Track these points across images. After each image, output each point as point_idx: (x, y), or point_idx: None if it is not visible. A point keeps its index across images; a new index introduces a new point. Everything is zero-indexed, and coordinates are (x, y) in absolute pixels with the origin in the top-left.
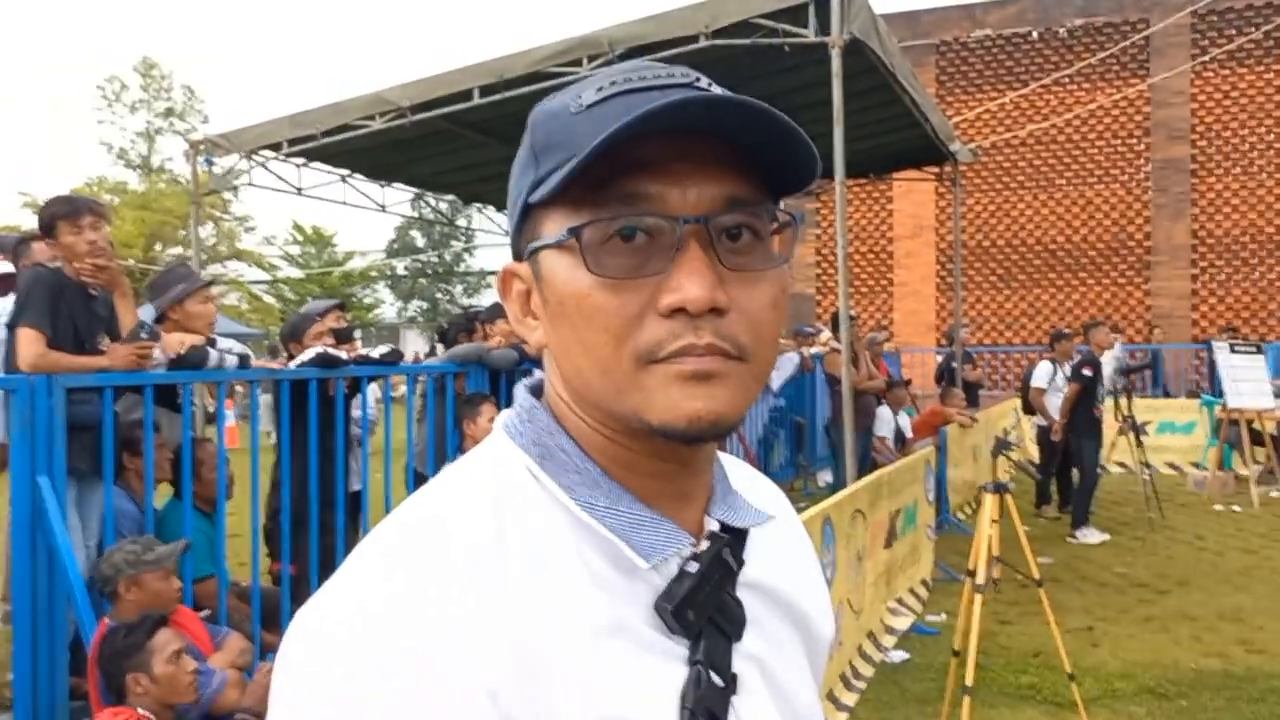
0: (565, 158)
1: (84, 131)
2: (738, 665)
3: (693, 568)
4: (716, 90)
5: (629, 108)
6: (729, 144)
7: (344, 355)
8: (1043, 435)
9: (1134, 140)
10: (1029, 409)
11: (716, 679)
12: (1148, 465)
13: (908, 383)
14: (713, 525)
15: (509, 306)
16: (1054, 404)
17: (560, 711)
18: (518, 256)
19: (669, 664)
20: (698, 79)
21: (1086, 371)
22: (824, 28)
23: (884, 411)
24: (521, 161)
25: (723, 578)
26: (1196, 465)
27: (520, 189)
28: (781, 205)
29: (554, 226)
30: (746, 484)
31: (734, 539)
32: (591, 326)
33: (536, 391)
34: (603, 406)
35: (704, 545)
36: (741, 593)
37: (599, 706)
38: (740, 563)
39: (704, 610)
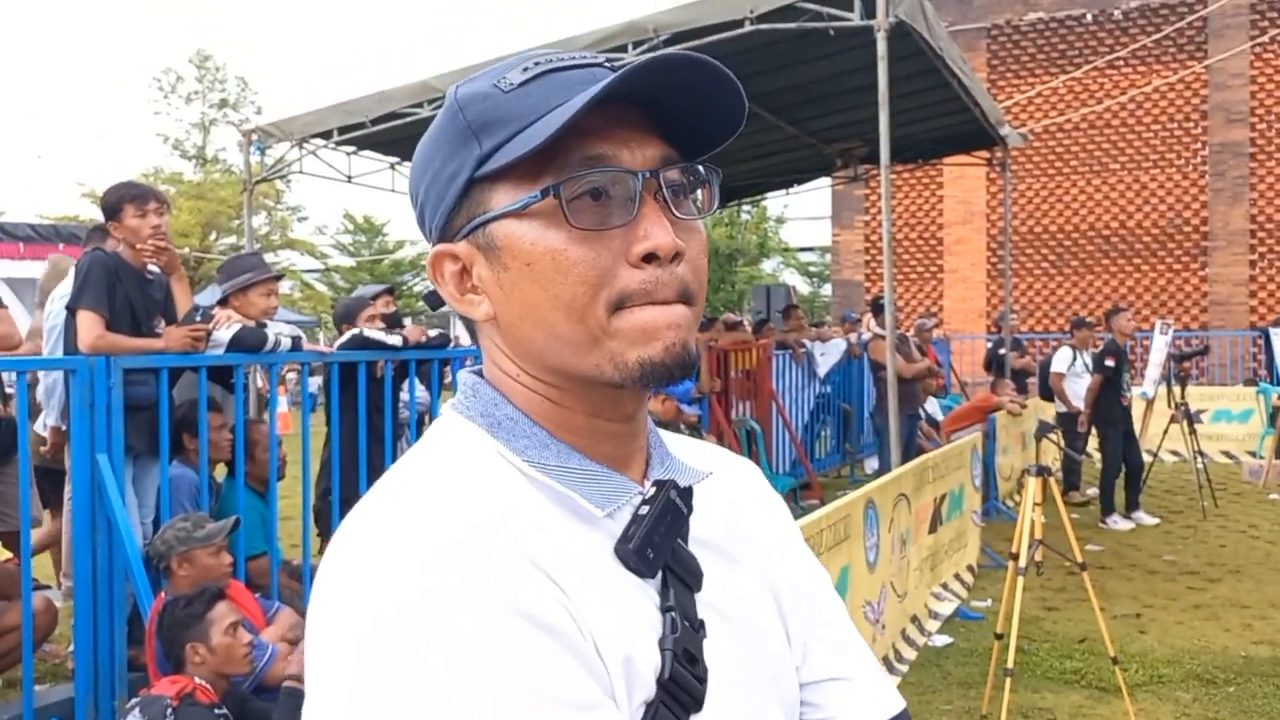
0: (515, 130)
1: (140, 122)
2: (701, 613)
3: (644, 511)
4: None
5: (565, 83)
6: (647, 112)
7: (384, 338)
8: (1062, 420)
9: (1190, 124)
10: (1046, 395)
11: (688, 624)
12: (1201, 453)
13: (935, 371)
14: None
15: (444, 288)
16: (1073, 389)
17: (595, 630)
18: (448, 237)
19: (645, 607)
20: (607, 59)
21: (1109, 362)
22: (869, 11)
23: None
24: (449, 142)
25: (675, 519)
26: (1252, 454)
27: (456, 168)
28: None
29: (509, 195)
30: (686, 450)
31: (679, 492)
32: (568, 280)
33: (478, 374)
34: (567, 363)
35: (651, 492)
36: (694, 547)
37: (620, 645)
38: (689, 508)
39: (661, 550)
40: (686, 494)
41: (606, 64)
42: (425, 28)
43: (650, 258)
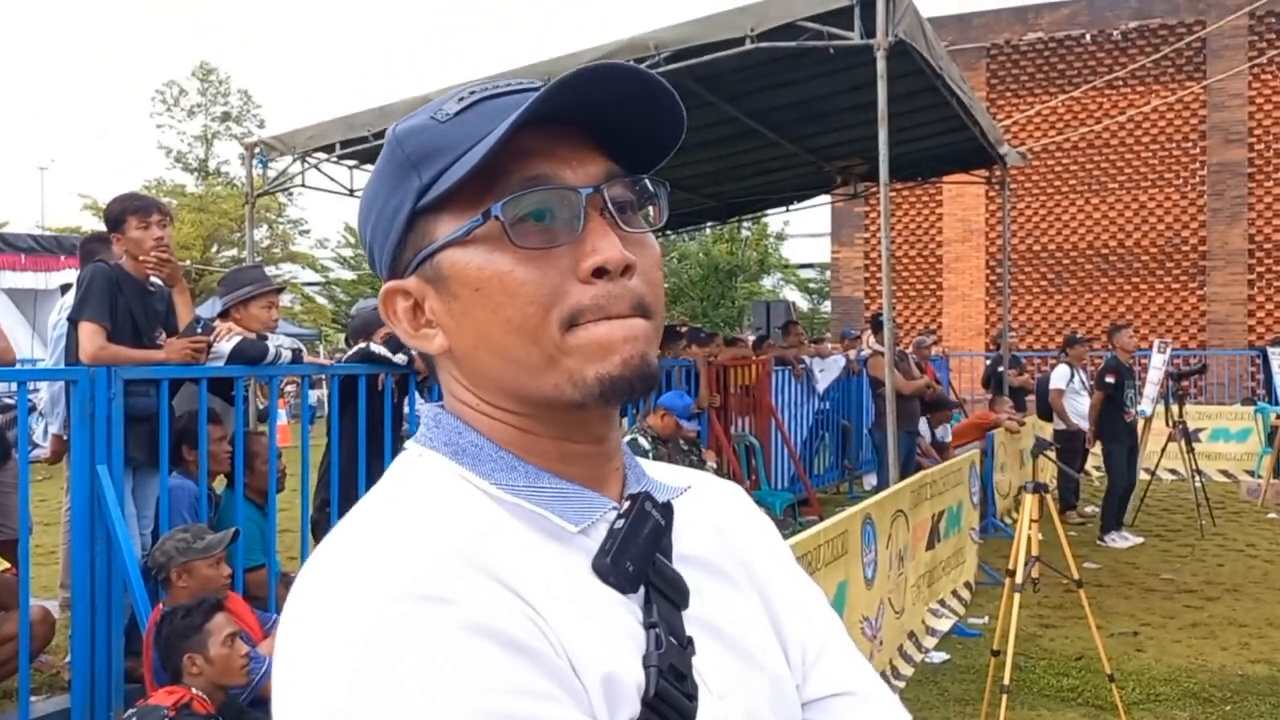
0: (452, 159)
1: (141, 128)
2: (690, 630)
3: (620, 525)
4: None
5: (500, 109)
6: (589, 130)
7: (390, 355)
8: (1060, 438)
9: (1189, 144)
10: (1045, 412)
11: (674, 641)
12: (1199, 472)
13: (953, 405)
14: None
15: (397, 327)
16: (1071, 407)
17: (571, 650)
18: (397, 273)
19: (628, 623)
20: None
21: (1109, 379)
22: (869, 30)
23: (920, 424)
24: (390, 178)
25: (653, 532)
26: (1250, 473)
27: (399, 203)
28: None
29: (452, 224)
30: (664, 473)
31: (656, 506)
32: (517, 301)
33: (440, 408)
34: (526, 387)
35: (625, 505)
36: (679, 566)
37: (599, 663)
38: (667, 522)
39: (640, 562)
40: (666, 510)
41: (542, 88)
42: (425, 28)
43: (600, 272)
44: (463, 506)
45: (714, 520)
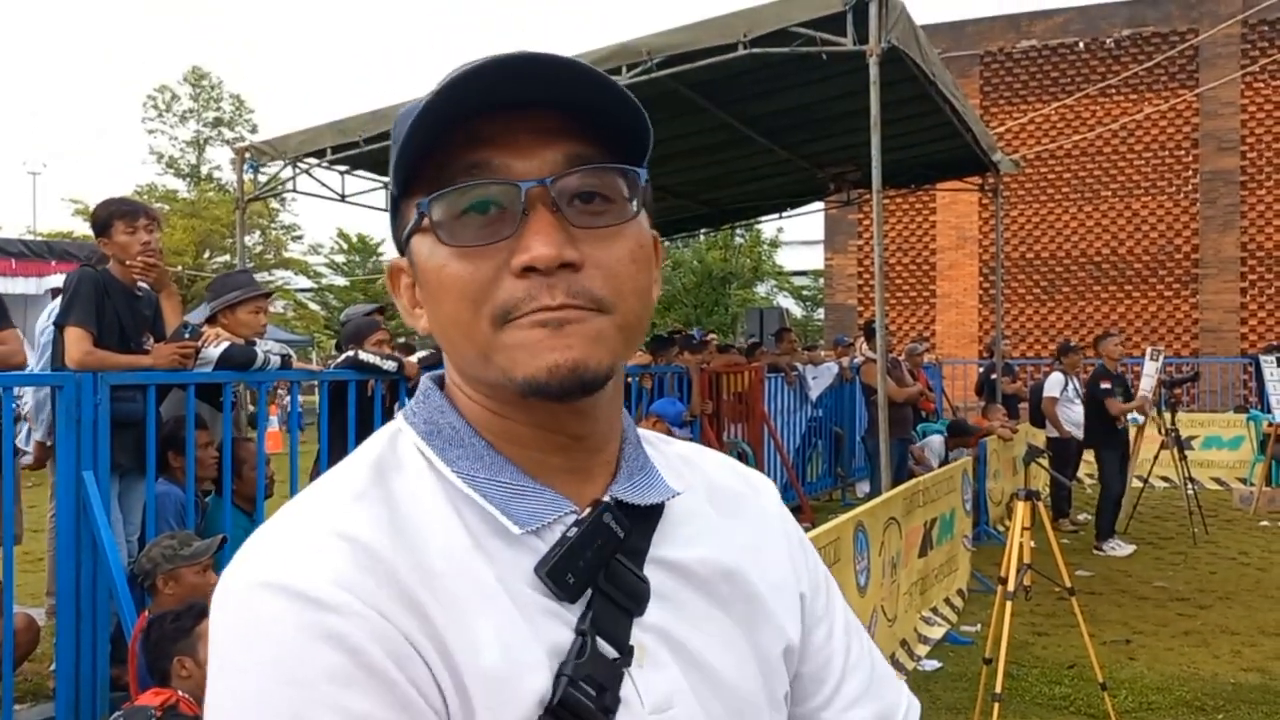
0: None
1: (133, 139)
2: (639, 637)
3: (572, 533)
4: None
5: (471, 90)
6: (563, 114)
7: (380, 363)
8: (1053, 446)
9: (1181, 152)
10: (1038, 420)
11: (609, 650)
12: (1191, 480)
13: (975, 430)
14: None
15: (399, 301)
16: (1065, 414)
17: (459, 660)
18: (401, 251)
19: (555, 631)
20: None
21: (1105, 384)
22: (862, 36)
23: (935, 441)
24: (391, 161)
25: (606, 544)
26: (1243, 481)
27: (393, 185)
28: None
29: (414, 211)
30: (679, 463)
31: (632, 514)
32: (451, 296)
33: (441, 380)
34: (476, 374)
35: (585, 512)
36: (651, 569)
37: (460, 667)
38: (629, 533)
39: (585, 574)
40: (650, 513)
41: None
42: (425, 28)
43: (532, 270)
44: (411, 494)
45: (747, 536)
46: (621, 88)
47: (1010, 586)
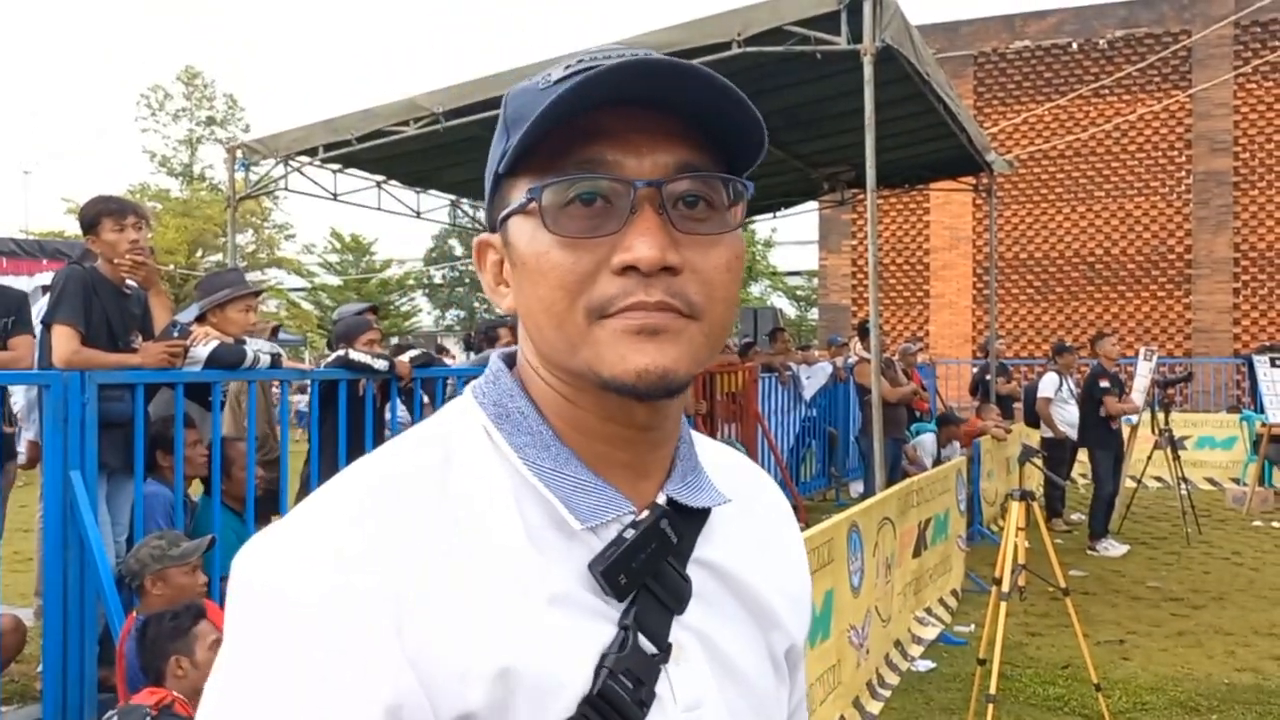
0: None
1: (126, 139)
2: (677, 635)
3: (631, 534)
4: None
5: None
6: (683, 118)
7: (370, 362)
8: (1048, 446)
9: (1175, 152)
10: (1032, 420)
11: (648, 645)
12: (1185, 480)
13: (960, 420)
14: (662, 500)
15: (483, 277)
16: (1059, 415)
17: (453, 661)
18: (492, 228)
19: (598, 625)
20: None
21: (1103, 383)
22: (856, 36)
23: (927, 440)
24: (496, 137)
25: (660, 547)
26: (1236, 481)
27: (492, 161)
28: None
29: (519, 193)
30: (726, 470)
31: (683, 515)
32: (548, 282)
33: (511, 360)
34: (560, 362)
35: (643, 516)
36: (693, 569)
37: (502, 655)
38: (680, 536)
39: (637, 575)
40: (694, 518)
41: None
42: (425, 28)
43: (632, 270)
44: (475, 477)
45: (759, 534)
46: (746, 100)
47: (1005, 587)
